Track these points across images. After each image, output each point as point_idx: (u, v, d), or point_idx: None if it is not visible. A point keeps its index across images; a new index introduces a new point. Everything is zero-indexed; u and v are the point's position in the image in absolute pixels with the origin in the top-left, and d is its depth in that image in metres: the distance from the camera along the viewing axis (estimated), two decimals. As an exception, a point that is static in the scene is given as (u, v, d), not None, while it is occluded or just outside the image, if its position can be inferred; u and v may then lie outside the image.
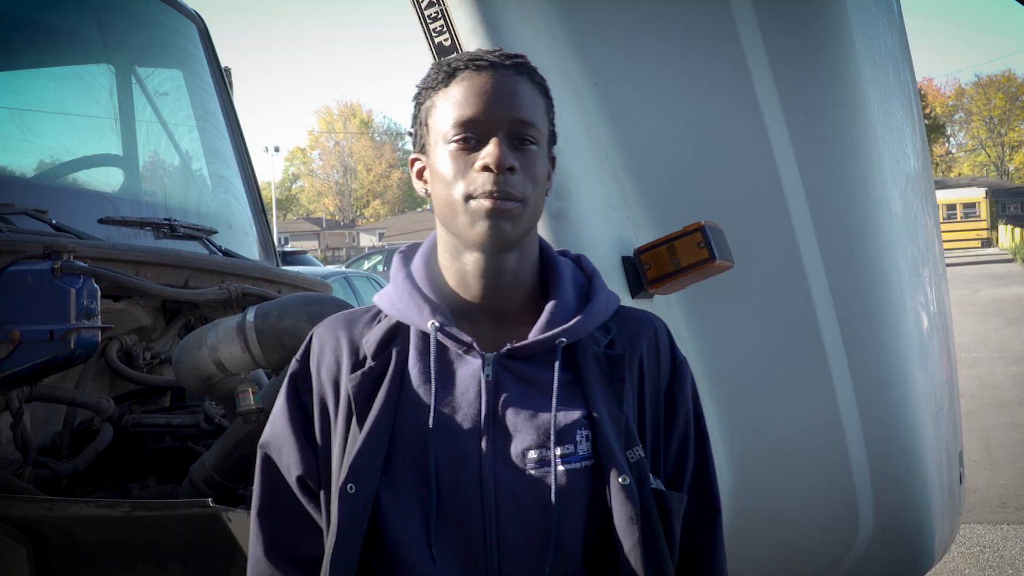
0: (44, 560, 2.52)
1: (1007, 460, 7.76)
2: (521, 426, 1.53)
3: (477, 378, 1.55)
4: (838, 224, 2.56)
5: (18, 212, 2.93)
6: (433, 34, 2.40)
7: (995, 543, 5.97)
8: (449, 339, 1.57)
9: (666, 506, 1.59)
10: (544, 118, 1.59)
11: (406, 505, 1.52)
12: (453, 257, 1.60)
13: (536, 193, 1.55)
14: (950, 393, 3.06)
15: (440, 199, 1.56)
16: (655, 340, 1.67)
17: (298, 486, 1.63)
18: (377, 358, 1.59)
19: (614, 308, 1.67)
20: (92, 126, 3.81)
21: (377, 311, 1.67)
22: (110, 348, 3.12)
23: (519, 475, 1.52)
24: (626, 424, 1.57)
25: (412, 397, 1.55)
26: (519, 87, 1.56)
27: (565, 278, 1.65)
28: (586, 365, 1.59)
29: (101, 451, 2.87)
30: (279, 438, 1.65)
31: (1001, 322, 16.76)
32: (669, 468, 1.66)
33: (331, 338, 1.65)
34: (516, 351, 1.57)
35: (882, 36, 2.77)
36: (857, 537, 2.70)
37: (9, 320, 2.58)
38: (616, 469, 1.52)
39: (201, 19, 4.33)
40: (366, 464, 1.52)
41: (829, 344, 2.58)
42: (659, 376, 1.66)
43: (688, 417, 1.68)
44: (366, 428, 1.53)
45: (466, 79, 1.55)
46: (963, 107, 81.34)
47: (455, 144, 1.53)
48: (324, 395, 1.62)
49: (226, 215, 4.11)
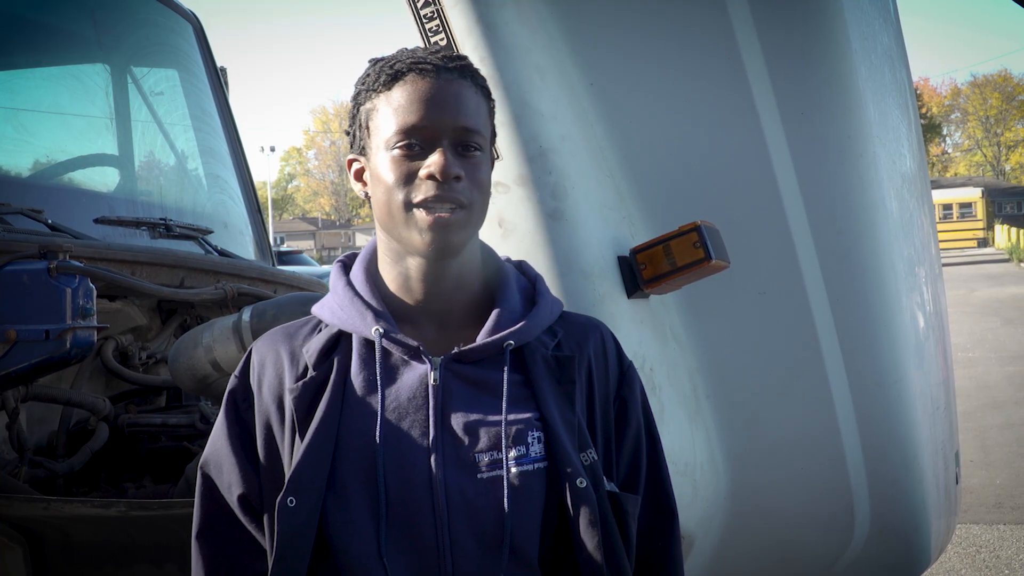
0: (40, 560, 2.52)
1: (1003, 460, 7.77)
2: (471, 429, 1.50)
3: (424, 383, 1.52)
4: (834, 224, 2.56)
5: (14, 212, 2.93)
6: (429, 34, 2.40)
7: (991, 543, 5.97)
8: (394, 344, 1.54)
9: (621, 508, 1.57)
10: (487, 122, 1.58)
11: (355, 516, 1.48)
12: (394, 262, 1.58)
13: (481, 199, 1.53)
14: (946, 393, 3.07)
15: (381, 205, 1.54)
16: (602, 344, 1.66)
17: (239, 505, 1.58)
18: (318, 367, 1.56)
19: (559, 312, 1.65)
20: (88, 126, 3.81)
21: (317, 322, 1.64)
22: (106, 348, 3.12)
23: (471, 479, 1.49)
24: (578, 426, 1.55)
25: (357, 405, 1.52)
26: (463, 92, 1.53)
27: (510, 282, 1.63)
28: (535, 367, 1.57)
29: (97, 451, 2.87)
30: (219, 457, 1.61)
31: (997, 322, 16.77)
32: (623, 473, 1.64)
33: (271, 353, 1.62)
34: (464, 354, 1.54)
35: (878, 36, 2.77)
36: (853, 537, 2.70)
37: (5, 320, 2.57)
38: (572, 471, 1.50)
39: (197, 19, 4.33)
40: (307, 476, 1.48)
41: (825, 344, 2.58)
42: (607, 380, 1.64)
43: (639, 421, 1.67)
44: (307, 439, 1.50)
45: (410, 83, 1.52)
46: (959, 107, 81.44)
47: (398, 151, 1.51)
48: (267, 413, 1.58)
49: (222, 215, 4.12)
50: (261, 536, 1.58)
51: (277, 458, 1.57)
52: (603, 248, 2.40)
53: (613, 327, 2.33)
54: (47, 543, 2.53)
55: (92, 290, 2.66)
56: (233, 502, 1.59)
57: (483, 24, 2.37)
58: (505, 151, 2.37)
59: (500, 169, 2.37)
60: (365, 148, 1.59)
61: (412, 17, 2.42)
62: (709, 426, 2.61)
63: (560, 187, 2.36)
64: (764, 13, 2.50)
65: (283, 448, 1.56)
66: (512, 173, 2.36)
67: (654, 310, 2.51)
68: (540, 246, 2.35)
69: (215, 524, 1.61)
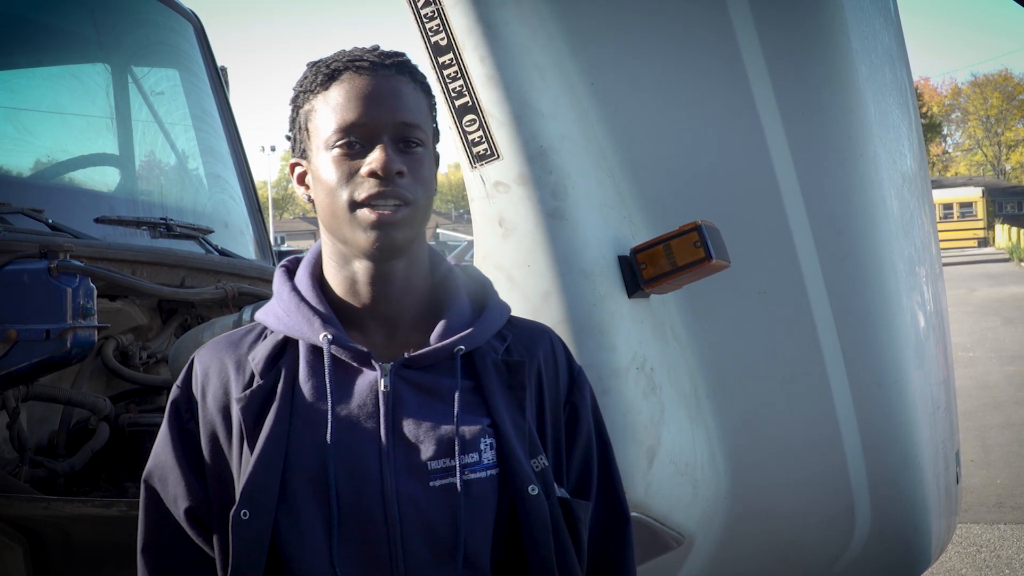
0: (41, 559, 2.52)
1: (1003, 460, 7.77)
2: (423, 437, 1.48)
3: (374, 390, 1.50)
4: (834, 223, 2.56)
5: (14, 211, 2.92)
6: (429, 33, 2.40)
7: (992, 543, 5.97)
8: (343, 350, 1.51)
9: (573, 514, 1.56)
10: (428, 118, 1.55)
11: (306, 527, 1.46)
12: (340, 265, 1.55)
13: (425, 195, 1.51)
14: (946, 392, 3.07)
15: (325, 206, 1.51)
16: (552, 350, 1.64)
17: (186, 518, 1.56)
18: (265, 376, 1.53)
19: (507, 317, 1.63)
20: (88, 125, 3.81)
21: (262, 328, 1.61)
22: (106, 347, 3.12)
23: (423, 487, 1.47)
24: (529, 432, 1.54)
25: (306, 414, 1.49)
26: (402, 88, 1.51)
27: (459, 287, 1.61)
28: (486, 373, 1.55)
29: (98, 450, 2.87)
30: (163, 469, 1.58)
31: (997, 321, 16.77)
32: (574, 478, 1.63)
33: (215, 362, 1.58)
34: (414, 360, 1.52)
35: (878, 35, 2.77)
36: (853, 537, 2.70)
37: (5, 319, 2.57)
38: (524, 478, 1.49)
39: (197, 18, 4.33)
40: (259, 488, 1.46)
41: (825, 343, 2.58)
42: (558, 386, 1.63)
43: (590, 427, 1.66)
44: (257, 450, 1.47)
45: (346, 81, 1.49)
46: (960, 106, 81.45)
47: (338, 150, 1.48)
48: (212, 423, 1.55)
49: (222, 214, 4.11)
50: (209, 548, 1.55)
51: (225, 468, 1.54)
52: (603, 247, 2.40)
53: (614, 326, 2.34)
54: (47, 542, 2.53)
55: (92, 290, 2.66)
56: (180, 515, 1.56)
57: (483, 24, 2.37)
58: (505, 151, 2.37)
59: (500, 169, 2.37)
60: (306, 151, 1.55)
61: (412, 17, 2.42)
62: (709, 426, 2.61)
63: (560, 186, 2.36)
64: (765, 12, 2.50)
65: (231, 458, 1.53)
66: (512, 173, 2.36)
67: (655, 310, 2.51)
68: (540, 245, 2.34)
69: (161, 537, 1.59)
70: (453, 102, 2.41)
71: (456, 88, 2.40)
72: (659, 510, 2.41)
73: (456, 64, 2.39)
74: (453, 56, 2.39)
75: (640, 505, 2.35)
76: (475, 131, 2.39)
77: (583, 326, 2.32)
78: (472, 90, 2.39)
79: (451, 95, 2.41)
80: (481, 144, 2.39)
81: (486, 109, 2.38)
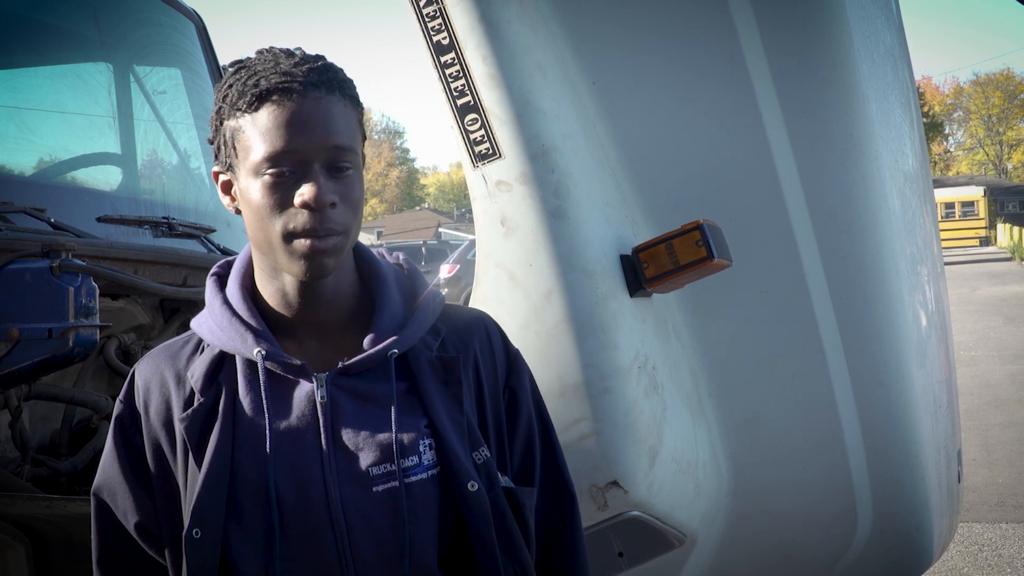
0: (43, 558, 2.52)
1: (1005, 459, 7.76)
2: (363, 444, 1.49)
3: (311, 400, 1.51)
4: (836, 222, 2.56)
5: (16, 210, 2.92)
6: (431, 32, 2.40)
7: (993, 541, 5.97)
8: (278, 365, 1.52)
9: (518, 502, 1.58)
10: (357, 133, 1.53)
11: (254, 540, 1.47)
12: (271, 277, 1.55)
13: (356, 219, 1.51)
14: (948, 391, 3.06)
15: (256, 229, 1.50)
16: (487, 337, 1.65)
17: (137, 533, 1.57)
18: (205, 392, 1.53)
19: (440, 309, 1.64)
20: (90, 124, 3.81)
21: (199, 340, 1.61)
22: (109, 346, 3.12)
23: (367, 494, 1.48)
24: (468, 426, 1.55)
25: (247, 428, 1.50)
26: (332, 109, 1.47)
27: (389, 283, 1.61)
28: (421, 372, 1.55)
29: (100, 449, 2.87)
30: (112, 484, 1.59)
31: (999, 320, 16.76)
32: (517, 463, 1.65)
33: (156, 376, 1.59)
34: (349, 368, 1.52)
35: (880, 34, 2.77)
36: (855, 536, 2.70)
37: (8, 318, 2.57)
38: (463, 476, 1.50)
39: (199, 17, 4.33)
40: (208, 505, 1.47)
41: (827, 343, 2.58)
42: (495, 373, 1.63)
43: (530, 410, 1.67)
44: (204, 468, 1.48)
45: (276, 105, 1.45)
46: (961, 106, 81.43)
47: (269, 177, 1.46)
48: (156, 437, 1.56)
49: (224, 213, 4.11)
50: (162, 559, 1.57)
51: (171, 480, 1.55)
52: (605, 246, 2.40)
53: (616, 325, 2.34)
54: (49, 542, 2.53)
55: (95, 289, 2.67)
56: (131, 529, 1.57)
57: (485, 23, 2.37)
58: (507, 150, 2.37)
59: (502, 168, 2.37)
60: (232, 166, 1.52)
61: (414, 16, 2.42)
62: (711, 424, 2.61)
63: (563, 185, 2.36)
64: (766, 12, 2.50)
65: (176, 471, 1.54)
66: (514, 172, 2.37)
67: (656, 308, 2.51)
68: (543, 244, 2.35)
69: (114, 551, 1.60)
70: (455, 101, 2.41)
71: (458, 87, 2.40)
72: (661, 509, 2.41)
73: (458, 63, 2.39)
74: (455, 55, 2.39)
75: (642, 504, 2.35)
76: (477, 130, 2.39)
77: (585, 325, 2.32)
78: (474, 89, 2.39)
79: (453, 94, 2.41)
80: (483, 143, 2.39)
81: (488, 108, 2.38)
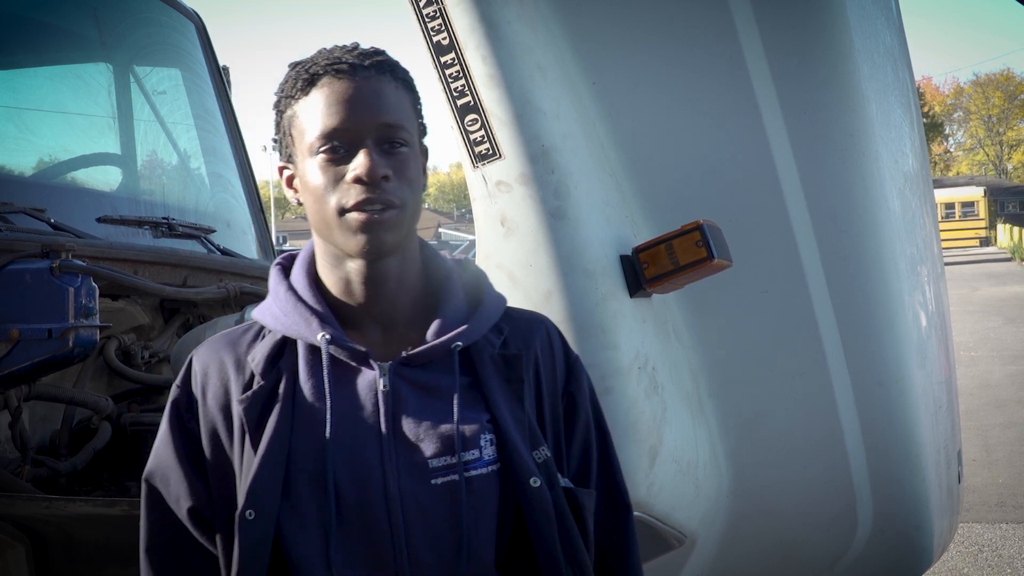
0: (43, 559, 2.52)
1: (1005, 459, 7.76)
2: (424, 435, 1.49)
3: (373, 389, 1.50)
4: (836, 223, 2.56)
5: (16, 211, 2.93)
6: (431, 33, 2.40)
7: (993, 542, 5.97)
8: (341, 350, 1.52)
9: (578, 503, 1.57)
10: (412, 114, 1.55)
11: (307, 526, 1.47)
12: (334, 266, 1.56)
13: (413, 195, 1.51)
14: (948, 392, 3.06)
15: (314, 212, 1.51)
16: (548, 339, 1.65)
17: (189, 518, 1.56)
18: (266, 376, 1.53)
19: (503, 309, 1.64)
20: (90, 125, 3.81)
21: (260, 327, 1.61)
22: (108, 347, 3.12)
23: (425, 486, 1.47)
24: (529, 424, 1.54)
25: (307, 413, 1.50)
26: (383, 88, 1.50)
27: (454, 281, 1.61)
28: (484, 368, 1.55)
29: (100, 450, 2.87)
30: (165, 469, 1.58)
31: (999, 321, 16.76)
32: (573, 468, 1.63)
33: (215, 361, 1.58)
34: (412, 358, 1.52)
35: (880, 35, 2.77)
36: (855, 536, 2.70)
37: (8, 319, 2.58)
38: (526, 471, 1.49)
39: (199, 18, 4.33)
40: (264, 488, 1.46)
41: (827, 343, 2.58)
42: (555, 375, 1.63)
43: (588, 416, 1.66)
44: (261, 450, 1.48)
45: (326, 86, 1.49)
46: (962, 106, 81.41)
47: (323, 155, 1.48)
48: (213, 421, 1.55)
49: (224, 214, 4.12)
50: (212, 546, 1.55)
51: (226, 466, 1.54)
52: (606, 247, 2.40)
53: (616, 326, 2.34)
54: (49, 542, 2.53)
55: (95, 289, 2.67)
56: (183, 515, 1.56)
57: (485, 23, 2.37)
58: (507, 150, 2.37)
59: (502, 168, 2.37)
60: (292, 155, 1.55)
61: (414, 16, 2.42)
62: (711, 425, 2.61)
63: (563, 186, 2.36)
64: (766, 12, 2.50)
65: (232, 456, 1.54)
66: (514, 172, 2.36)
67: (656, 309, 2.51)
68: (542, 245, 2.34)
69: (164, 537, 1.59)
70: (455, 101, 2.41)
71: (458, 87, 2.40)
72: (661, 509, 2.41)
73: (458, 63, 2.39)
74: (455, 55, 2.39)
75: (642, 504, 2.35)
76: (477, 130, 2.39)
77: (585, 325, 2.32)
78: (474, 89, 2.39)
79: (453, 94, 2.41)
80: (483, 143, 2.39)
81: (488, 108, 2.38)
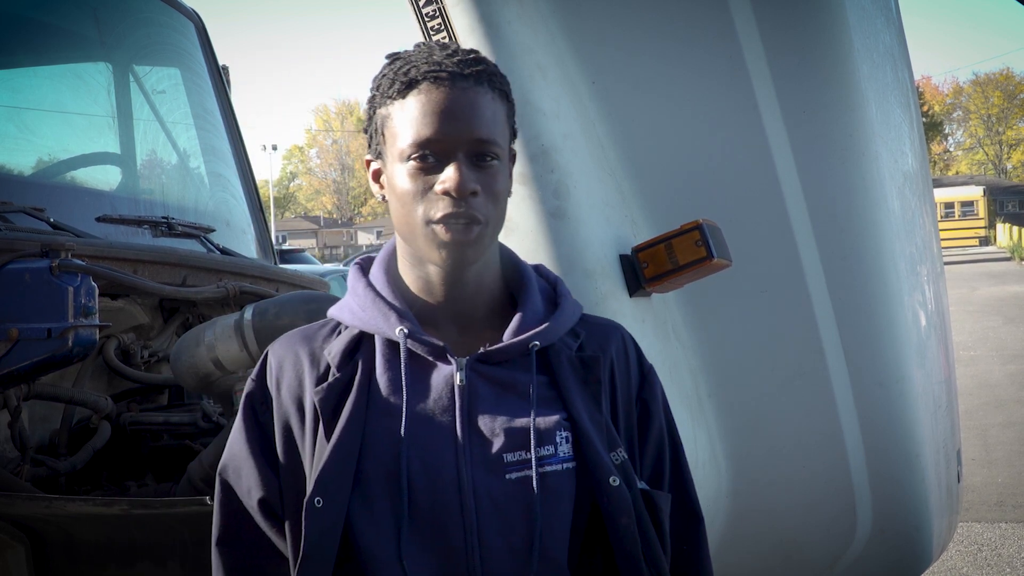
0: (42, 558, 2.52)
1: (1005, 458, 7.77)
2: (499, 430, 1.48)
3: (450, 384, 1.51)
4: (836, 222, 2.56)
5: (16, 210, 2.93)
6: (431, 32, 2.40)
7: (993, 541, 5.97)
8: (419, 345, 1.53)
9: (655, 505, 1.56)
10: (505, 127, 1.54)
11: (379, 518, 1.46)
12: (414, 265, 1.57)
13: (498, 210, 1.52)
14: (948, 391, 3.07)
15: (399, 216, 1.52)
16: (623, 347, 1.65)
17: (259, 510, 1.57)
18: (342, 368, 1.54)
19: (580, 314, 1.65)
20: (90, 124, 3.81)
21: (336, 324, 1.62)
22: (108, 346, 3.12)
23: (499, 480, 1.47)
24: (607, 426, 1.54)
25: (382, 406, 1.50)
26: (479, 100, 1.49)
27: (532, 284, 1.62)
28: (561, 368, 1.56)
29: (99, 449, 2.87)
30: (237, 461, 1.59)
31: (999, 320, 16.77)
32: (646, 476, 1.62)
33: (290, 354, 1.60)
34: (489, 355, 1.53)
35: (880, 34, 2.77)
36: (855, 536, 2.70)
37: (7, 318, 2.57)
38: (604, 470, 1.49)
39: (199, 17, 4.33)
40: (334, 476, 1.46)
41: (827, 343, 2.58)
42: (629, 382, 1.63)
43: (661, 425, 1.66)
44: (334, 440, 1.48)
45: (424, 93, 1.48)
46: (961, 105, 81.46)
47: (414, 163, 1.48)
48: (286, 414, 1.57)
49: (224, 213, 4.11)
50: (281, 541, 1.56)
51: (297, 460, 1.55)
52: (605, 247, 2.40)
53: (615, 326, 2.34)
54: (49, 542, 2.53)
55: (94, 288, 2.67)
56: (253, 507, 1.57)
57: (485, 23, 2.37)
58: (507, 150, 2.36)
59: (502, 168, 2.37)
60: (382, 152, 1.56)
61: (414, 16, 2.42)
62: (711, 425, 2.61)
63: (562, 185, 2.36)
64: (766, 12, 2.50)
65: (303, 449, 1.54)
66: (514, 172, 2.36)
67: (656, 309, 2.51)
68: (542, 245, 2.34)
69: (236, 530, 1.59)
70: (455, 101, 2.40)
71: (458, 87, 2.39)
72: (660, 509, 2.41)
73: (458, 63, 2.39)
74: (455, 55, 2.39)
75: (641, 504, 2.35)
76: (477, 130, 2.38)
77: (584, 325, 2.31)
78: (474, 89, 2.38)
79: (453, 94, 2.40)
80: (483, 143, 2.38)
81: (488, 108, 2.37)
